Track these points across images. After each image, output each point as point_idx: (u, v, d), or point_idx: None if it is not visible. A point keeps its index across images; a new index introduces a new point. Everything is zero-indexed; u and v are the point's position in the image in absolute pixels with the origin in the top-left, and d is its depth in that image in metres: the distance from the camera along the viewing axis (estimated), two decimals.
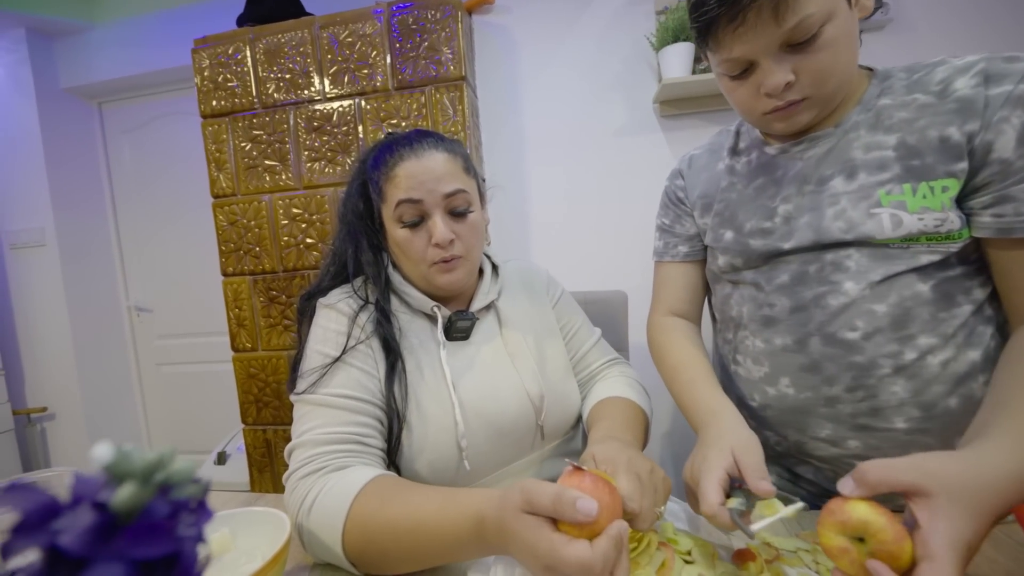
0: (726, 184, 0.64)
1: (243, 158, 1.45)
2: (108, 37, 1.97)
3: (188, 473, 0.17)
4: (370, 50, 1.35)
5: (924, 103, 0.50)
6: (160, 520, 0.15)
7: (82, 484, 0.16)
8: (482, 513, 0.40)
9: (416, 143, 0.60)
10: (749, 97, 0.53)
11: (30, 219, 2.00)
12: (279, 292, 1.46)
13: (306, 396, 0.55)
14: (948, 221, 0.48)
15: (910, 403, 0.51)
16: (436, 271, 0.60)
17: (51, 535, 0.15)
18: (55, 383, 2.05)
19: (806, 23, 0.46)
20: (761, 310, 0.59)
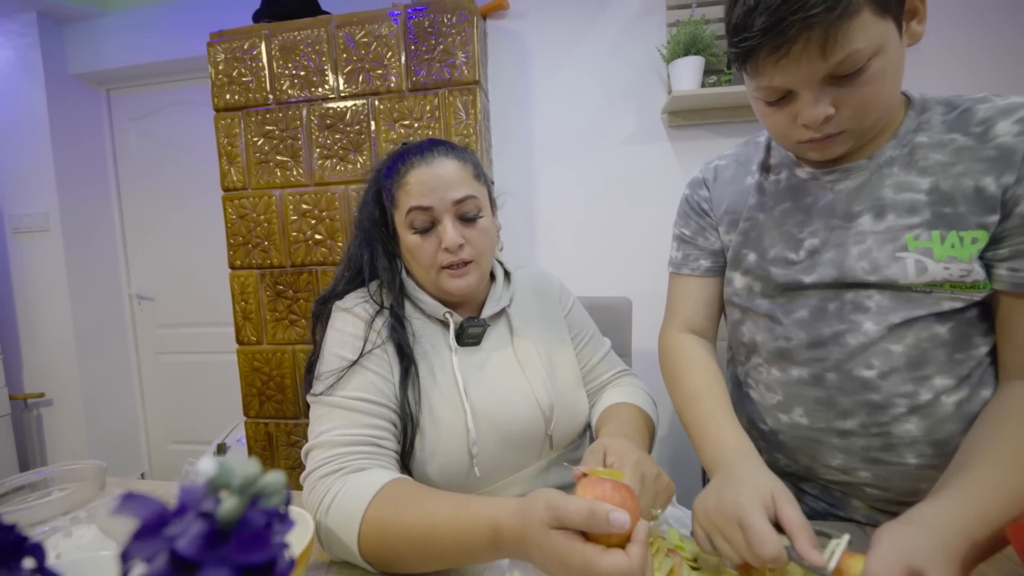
0: (754, 202, 0.61)
1: (255, 152, 1.45)
2: (120, 24, 1.97)
3: (277, 486, 0.18)
4: (385, 51, 1.36)
5: (962, 145, 0.49)
6: (259, 529, 0.17)
7: (186, 494, 0.18)
8: (498, 524, 0.41)
9: (427, 151, 0.61)
10: (785, 125, 0.51)
11: (34, 204, 2.00)
12: (286, 287, 1.47)
13: (323, 398, 0.56)
14: (974, 272, 0.48)
15: (923, 441, 0.52)
16: (446, 276, 0.61)
17: (166, 541, 0.16)
18: (54, 369, 2.06)
19: (854, 58, 0.43)
20: (777, 342, 0.58)
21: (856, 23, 0.42)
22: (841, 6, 0.41)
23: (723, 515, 0.43)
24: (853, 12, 0.41)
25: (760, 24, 0.43)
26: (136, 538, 0.16)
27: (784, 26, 0.42)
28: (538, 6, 1.47)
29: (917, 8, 0.47)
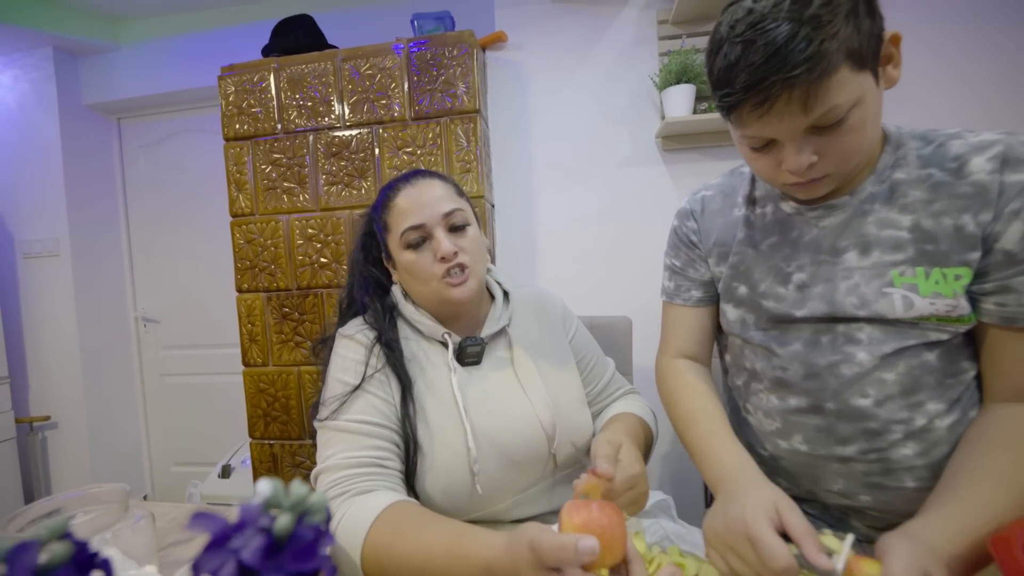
0: (742, 236, 0.63)
1: (263, 180, 1.50)
2: (132, 57, 2.05)
3: (321, 504, 0.21)
4: (389, 82, 1.42)
5: (939, 181, 0.50)
6: (309, 542, 0.20)
7: (245, 512, 0.21)
8: (489, 565, 0.42)
9: (411, 177, 0.66)
10: (770, 169, 0.52)
11: (45, 229, 2.04)
12: (292, 309, 1.50)
13: (328, 423, 0.59)
14: (959, 307, 0.49)
15: (920, 465, 0.54)
16: (446, 286, 0.62)
17: (231, 553, 0.19)
18: (59, 392, 2.07)
19: (834, 112, 0.45)
20: (774, 371, 0.60)
21: (835, 80, 0.43)
22: (820, 66, 0.42)
23: (732, 534, 0.43)
24: (832, 71, 0.42)
25: (742, 82, 0.45)
26: (207, 550, 0.19)
27: (766, 85, 0.44)
28: (535, 38, 1.54)
29: (892, 54, 0.49)
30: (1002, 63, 1.35)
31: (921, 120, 1.34)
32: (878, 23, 0.46)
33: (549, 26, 1.53)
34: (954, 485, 0.46)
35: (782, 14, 0.43)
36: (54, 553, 0.21)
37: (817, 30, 0.42)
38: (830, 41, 0.42)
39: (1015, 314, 0.48)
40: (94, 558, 0.23)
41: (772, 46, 0.43)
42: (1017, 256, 0.47)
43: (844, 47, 0.42)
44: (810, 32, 0.42)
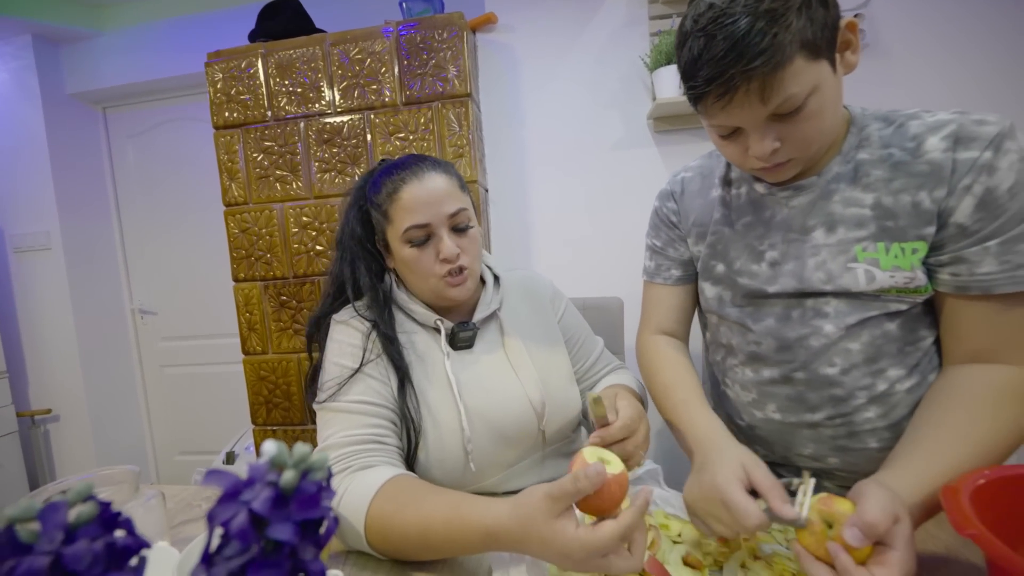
0: (719, 216, 0.66)
1: (255, 168, 1.50)
2: (115, 44, 2.01)
3: (322, 462, 0.23)
4: (379, 66, 1.41)
5: (898, 160, 0.53)
6: (312, 494, 0.22)
7: (254, 470, 0.23)
8: (492, 530, 0.44)
9: (416, 167, 0.65)
10: (738, 154, 0.55)
11: (35, 223, 2.03)
12: (289, 297, 1.51)
13: (328, 404, 0.61)
14: (916, 279, 0.53)
15: (882, 427, 0.58)
16: (445, 285, 0.64)
17: (243, 504, 0.21)
18: (59, 385, 2.09)
19: (791, 100, 0.47)
20: (749, 346, 0.63)
21: (790, 71, 0.45)
22: (775, 58, 0.44)
23: (707, 501, 0.47)
24: (787, 62, 0.45)
25: (704, 75, 0.48)
26: (221, 502, 0.21)
27: (725, 78, 0.46)
28: (526, 19, 1.53)
29: (850, 40, 0.51)
30: (994, 38, 1.35)
31: (915, 95, 1.36)
32: (832, 12, 0.47)
33: (540, 7, 1.52)
34: (916, 439, 0.49)
35: (738, 8, 0.45)
36: (81, 512, 0.23)
37: (771, 23, 0.44)
38: (784, 33, 0.44)
39: (967, 283, 0.51)
40: (117, 517, 0.25)
41: (730, 40, 0.45)
42: (968, 229, 0.50)
43: (798, 38, 0.45)
44: (765, 26, 0.44)
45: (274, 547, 0.22)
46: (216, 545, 0.22)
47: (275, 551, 0.22)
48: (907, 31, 1.38)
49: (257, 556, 0.21)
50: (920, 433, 0.49)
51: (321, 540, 0.23)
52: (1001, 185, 0.48)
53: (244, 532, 0.21)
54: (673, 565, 0.49)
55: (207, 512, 0.21)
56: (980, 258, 0.49)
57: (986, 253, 0.49)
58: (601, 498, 0.41)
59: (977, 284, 0.50)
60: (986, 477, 0.42)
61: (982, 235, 0.49)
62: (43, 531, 0.22)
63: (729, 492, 0.44)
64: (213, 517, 0.21)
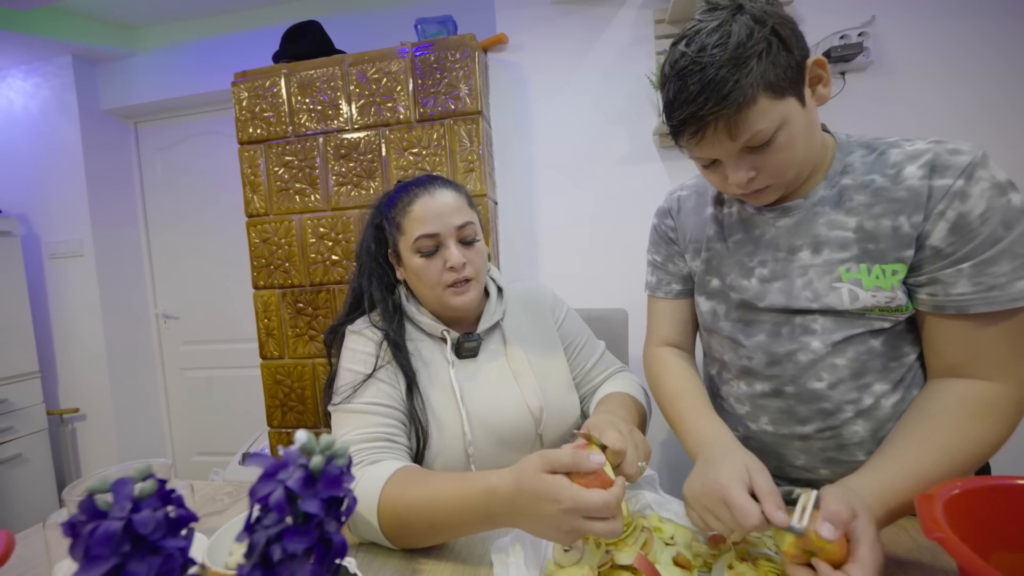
0: (712, 233, 0.69)
1: (276, 181, 1.58)
2: (148, 63, 2.13)
3: (344, 450, 0.28)
4: (395, 85, 1.48)
5: (880, 186, 0.56)
6: (336, 476, 0.26)
7: (288, 455, 0.27)
8: (491, 488, 0.49)
9: (428, 184, 0.71)
10: (720, 181, 0.59)
11: (70, 231, 2.15)
12: (306, 304, 1.58)
13: (342, 407, 0.66)
14: (897, 299, 0.55)
15: (869, 440, 0.60)
16: (451, 293, 0.68)
17: (279, 482, 0.26)
18: (87, 385, 2.19)
19: (759, 135, 0.51)
20: (741, 361, 0.66)
21: (754, 110, 0.50)
22: (738, 101, 0.49)
23: (709, 497, 0.49)
24: (750, 102, 0.49)
25: (679, 115, 0.53)
26: (261, 480, 0.26)
27: (696, 118, 0.51)
28: (535, 39, 1.59)
29: (820, 75, 0.54)
30: (998, 56, 1.37)
31: (920, 113, 1.38)
32: (796, 54, 0.51)
33: (549, 27, 1.58)
34: (886, 449, 0.52)
35: (706, 57, 0.50)
36: (144, 487, 0.28)
37: (734, 70, 0.49)
38: (746, 78, 0.49)
39: (944, 303, 0.53)
40: (172, 494, 0.29)
41: (700, 84, 0.50)
42: (943, 251, 0.52)
43: (760, 81, 0.49)
44: (727, 72, 0.49)
45: (304, 519, 0.26)
46: (255, 516, 0.26)
47: (305, 522, 0.26)
48: (911, 49, 1.40)
49: (290, 526, 0.25)
50: (890, 442, 0.52)
51: (342, 516, 0.27)
52: (973, 211, 0.50)
53: (280, 505, 0.25)
54: (664, 565, 0.52)
55: (249, 488, 0.26)
56: (955, 279, 0.52)
57: (960, 275, 0.52)
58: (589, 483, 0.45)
59: (952, 304, 0.52)
60: (961, 487, 0.45)
61: (956, 257, 0.52)
62: (116, 501, 0.27)
63: (732, 491, 0.46)
64: (254, 492, 0.26)
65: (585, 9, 1.55)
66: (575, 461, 0.44)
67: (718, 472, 0.49)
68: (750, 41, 0.49)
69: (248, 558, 0.25)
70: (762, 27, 0.50)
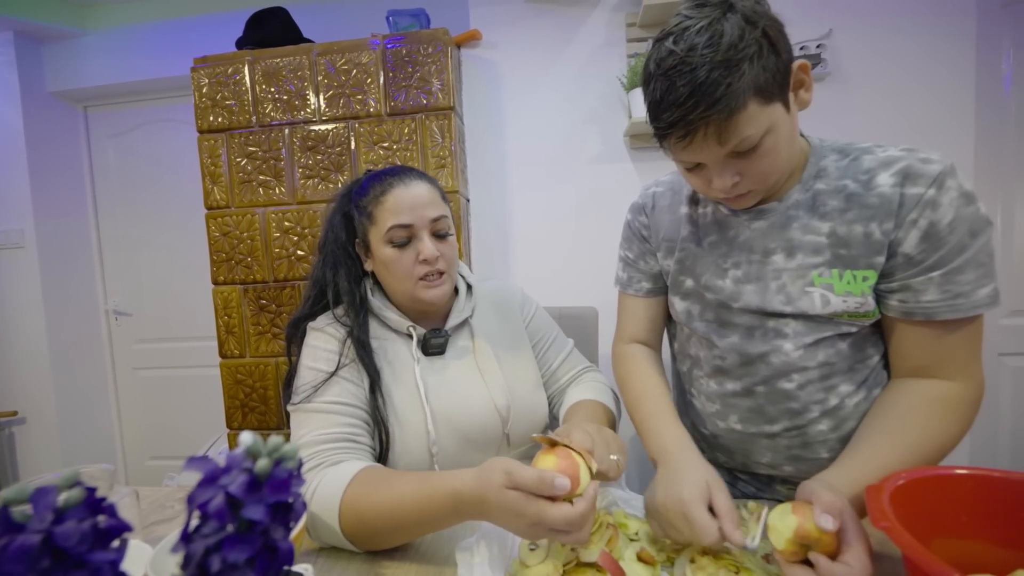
0: (687, 233, 0.68)
1: (238, 172, 1.51)
2: (100, 44, 2.00)
3: (293, 452, 0.26)
4: (365, 77, 1.45)
5: (852, 192, 0.56)
6: (282, 480, 0.25)
7: (231, 458, 0.25)
8: (457, 491, 0.48)
9: (403, 174, 0.69)
10: (702, 185, 0.58)
11: (9, 221, 1.99)
12: (269, 301, 1.52)
13: (302, 406, 0.63)
14: (866, 304, 0.57)
15: (832, 438, 0.62)
16: (422, 287, 0.67)
17: (220, 488, 0.24)
18: (27, 387, 2.04)
19: (747, 141, 0.50)
20: (714, 360, 0.67)
21: (744, 115, 0.48)
22: (729, 106, 0.47)
23: (670, 511, 0.50)
24: (741, 107, 0.48)
25: (667, 118, 0.51)
26: (200, 486, 0.24)
27: (685, 122, 0.49)
28: (509, 37, 1.58)
29: (803, 80, 0.54)
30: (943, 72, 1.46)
31: (871, 124, 1.46)
32: (784, 58, 0.50)
33: (523, 25, 1.58)
34: (856, 444, 0.55)
35: (696, 58, 0.48)
36: (69, 496, 0.26)
37: (726, 73, 0.47)
38: (738, 82, 0.47)
39: (913, 309, 0.55)
40: (102, 502, 0.27)
41: (689, 87, 0.48)
42: (914, 259, 0.54)
43: (751, 86, 0.48)
44: (720, 75, 0.47)
45: (248, 526, 0.24)
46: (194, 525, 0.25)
47: (248, 530, 0.24)
48: (865, 63, 1.47)
49: (231, 534, 0.24)
50: (860, 439, 0.55)
51: (290, 522, 0.26)
52: (943, 220, 0.52)
53: (221, 512, 0.23)
54: (628, 561, 0.53)
55: (187, 495, 0.24)
56: (925, 287, 0.53)
57: (930, 283, 0.53)
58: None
59: (921, 311, 0.54)
60: (906, 477, 0.47)
61: (926, 265, 0.53)
62: (35, 512, 0.24)
63: (692, 508, 0.48)
64: (192, 499, 0.24)
65: (559, 9, 1.56)
66: (539, 486, 0.43)
67: (680, 487, 0.50)
68: (742, 43, 0.47)
69: (184, 570, 0.23)
70: (753, 28, 0.48)
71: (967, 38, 1.44)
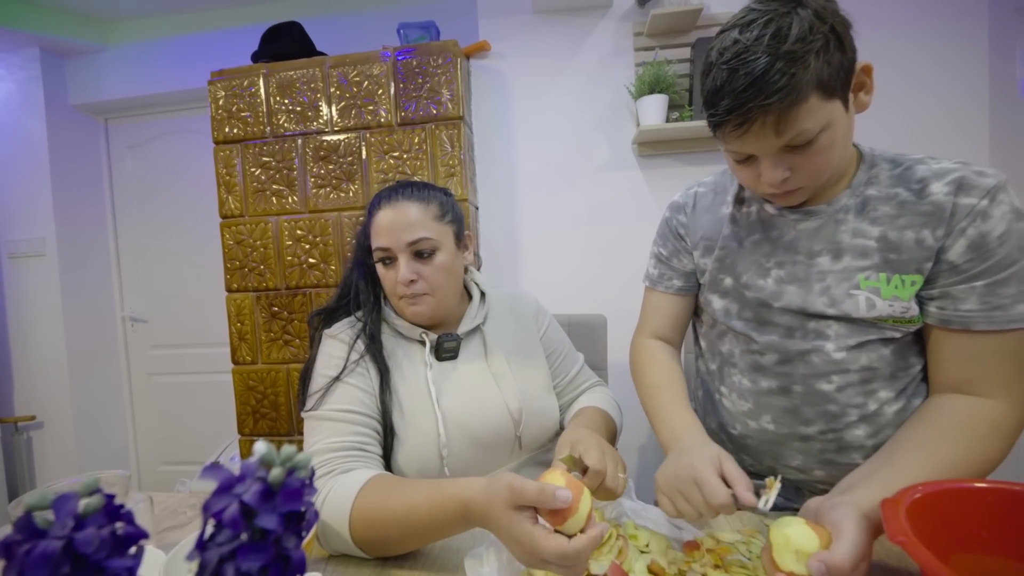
0: (728, 232, 0.68)
1: (252, 182, 1.54)
2: (120, 58, 2.06)
3: (306, 462, 0.27)
4: (376, 88, 1.47)
5: (904, 199, 0.56)
6: (295, 489, 0.25)
7: (245, 467, 0.26)
8: (466, 501, 0.48)
9: (394, 194, 0.70)
10: (751, 179, 0.58)
11: (31, 229, 2.05)
12: (281, 308, 1.54)
13: (313, 413, 0.64)
14: (911, 309, 0.56)
15: (868, 444, 0.61)
16: (404, 303, 0.70)
17: (235, 496, 0.24)
18: (46, 391, 2.08)
19: (804, 135, 0.50)
20: (752, 356, 0.66)
21: (805, 107, 0.48)
22: (792, 95, 0.47)
23: (681, 479, 0.51)
24: (803, 99, 0.48)
25: (725, 106, 0.51)
26: (215, 494, 0.24)
27: (744, 110, 0.49)
28: (517, 48, 1.60)
29: (864, 82, 0.54)
30: (951, 80, 1.44)
31: (882, 127, 1.44)
32: (848, 56, 0.50)
33: (531, 36, 1.59)
34: (894, 457, 0.52)
35: (762, 47, 0.48)
36: (89, 503, 0.26)
37: (790, 64, 0.47)
38: (802, 74, 0.47)
39: (951, 317, 0.55)
40: (120, 510, 0.28)
41: (751, 76, 0.48)
42: (959, 267, 0.53)
43: (814, 79, 0.48)
44: (784, 66, 0.47)
45: (261, 535, 0.25)
46: (209, 533, 0.25)
47: (262, 539, 0.25)
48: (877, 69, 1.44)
49: (245, 543, 0.24)
50: (899, 451, 0.53)
51: (302, 531, 0.26)
52: (993, 231, 0.51)
53: (235, 521, 0.24)
54: (638, 573, 0.52)
55: (203, 503, 0.25)
56: (966, 296, 0.53)
57: (972, 292, 0.53)
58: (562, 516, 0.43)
59: (959, 319, 0.54)
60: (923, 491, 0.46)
61: (971, 275, 0.53)
62: (56, 518, 0.25)
63: (703, 472, 0.49)
64: (208, 507, 0.24)
65: (566, 20, 1.58)
66: (540, 498, 0.42)
67: (691, 457, 0.52)
68: (811, 35, 0.47)
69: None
70: (823, 24, 0.48)
71: (980, 42, 1.43)
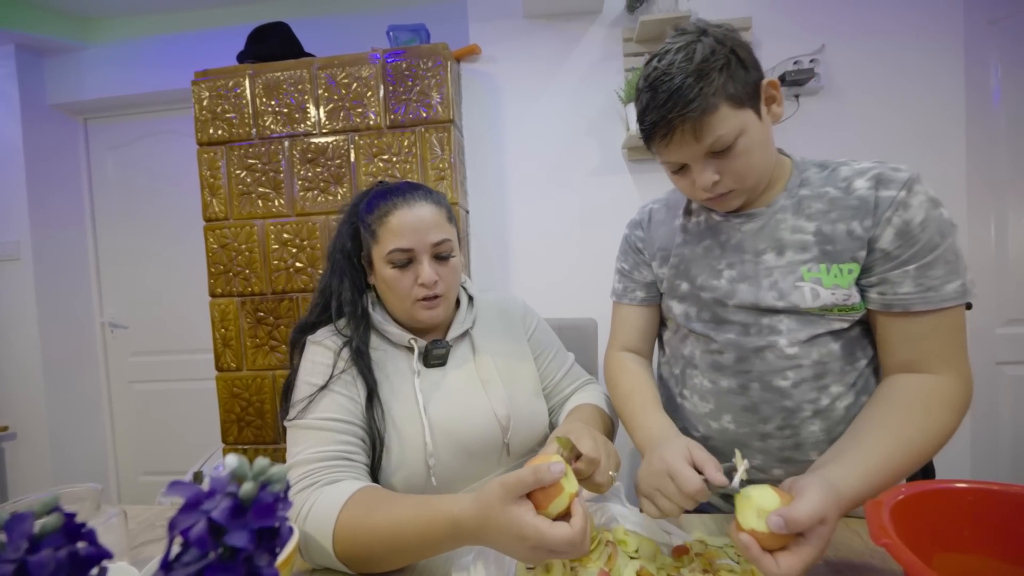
0: (680, 241, 0.74)
1: (237, 185, 1.51)
2: (101, 57, 2.02)
3: (281, 475, 0.25)
4: (365, 91, 1.46)
5: (834, 196, 0.63)
6: (268, 504, 0.24)
7: (215, 482, 0.24)
8: (456, 517, 0.47)
9: (409, 194, 0.69)
10: (687, 187, 0.65)
11: (5, 232, 1.99)
12: (267, 314, 1.51)
13: (297, 422, 0.62)
14: (852, 296, 0.61)
15: (823, 440, 0.64)
16: (420, 307, 0.68)
17: (203, 513, 0.23)
18: (19, 401, 2.01)
19: (721, 140, 0.57)
20: (712, 356, 0.69)
21: (717, 116, 0.56)
22: (703, 104, 0.56)
23: (655, 474, 0.54)
24: (713, 108, 0.56)
25: (650, 120, 0.59)
26: (181, 511, 0.23)
27: (665, 122, 0.58)
28: (508, 51, 1.60)
29: (773, 95, 0.61)
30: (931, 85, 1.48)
31: (863, 132, 1.47)
32: (752, 74, 0.59)
33: (522, 40, 1.60)
34: (856, 433, 0.55)
35: (675, 69, 0.57)
36: (46, 523, 0.25)
37: (699, 79, 0.56)
38: (709, 87, 0.56)
39: (891, 301, 0.59)
40: (81, 529, 0.26)
41: (668, 92, 0.57)
42: (891, 254, 0.59)
43: (722, 91, 0.56)
44: (694, 81, 0.56)
45: (231, 554, 0.23)
46: (176, 552, 0.23)
47: (232, 557, 0.23)
48: (857, 77, 1.49)
49: (214, 562, 0.23)
50: (863, 431, 0.55)
51: (276, 548, 0.25)
52: (915, 219, 0.57)
53: (202, 539, 0.22)
54: None
55: (169, 520, 0.23)
56: (901, 280, 0.58)
57: (906, 276, 0.58)
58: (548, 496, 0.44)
59: (899, 302, 0.59)
60: (905, 492, 0.46)
61: (902, 259, 0.58)
62: (8, 540, 0.23)
63: (675, 463, 0.52)
64: (174, 526, 0.23)
65: (557, 25, 1.58)
66: (536, 478, 0.43)
67: (663, 452, 0.55)
68: (713, 57, 0.56)
69: None
70: (722, 47, 0.57)
71: (955, 53, 1.47)
